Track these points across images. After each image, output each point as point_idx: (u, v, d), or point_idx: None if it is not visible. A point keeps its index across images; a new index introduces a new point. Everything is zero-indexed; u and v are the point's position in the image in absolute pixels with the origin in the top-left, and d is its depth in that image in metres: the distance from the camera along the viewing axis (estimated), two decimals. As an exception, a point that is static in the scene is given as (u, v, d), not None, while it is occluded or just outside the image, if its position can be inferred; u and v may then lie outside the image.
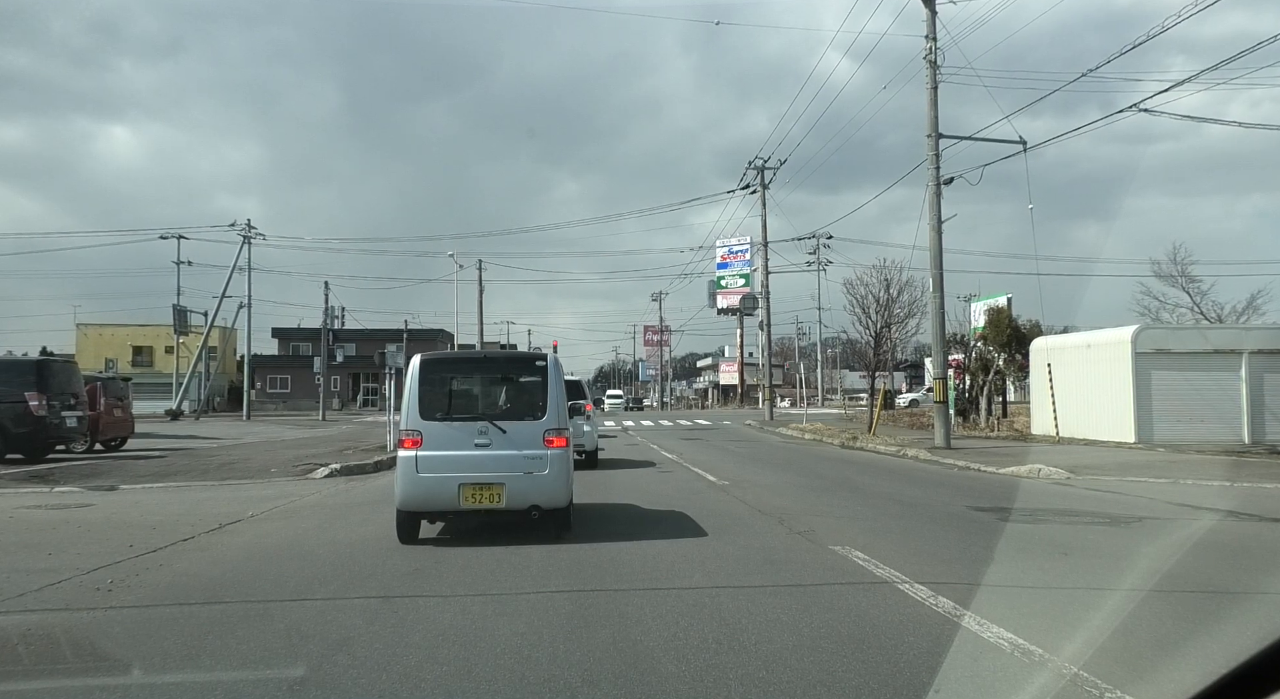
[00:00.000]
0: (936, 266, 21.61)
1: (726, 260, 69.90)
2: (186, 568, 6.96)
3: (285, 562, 7.19)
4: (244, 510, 10.42)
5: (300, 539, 8.39)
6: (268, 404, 70.62)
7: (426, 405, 7.93)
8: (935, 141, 21.55)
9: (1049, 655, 4.25)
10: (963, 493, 12.37)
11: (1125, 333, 22.52)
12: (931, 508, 10.54)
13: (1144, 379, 21.49)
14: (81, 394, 18.45)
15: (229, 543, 8.22)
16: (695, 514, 9.77)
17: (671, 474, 15.60)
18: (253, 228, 51.62)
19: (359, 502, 11.56)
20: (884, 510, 10.30)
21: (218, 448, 21.61)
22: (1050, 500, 11.40)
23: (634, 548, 7.58)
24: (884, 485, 13.43)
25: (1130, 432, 21.19)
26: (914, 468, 16.91)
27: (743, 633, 4.78)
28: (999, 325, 29.57)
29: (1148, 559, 7.24)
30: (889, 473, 15.82)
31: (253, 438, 27.24)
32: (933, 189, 21.48)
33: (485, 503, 7.68)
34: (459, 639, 4.74)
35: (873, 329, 26.60)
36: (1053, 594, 5.83)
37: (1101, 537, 8.42)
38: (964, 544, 7.70)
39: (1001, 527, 8.96)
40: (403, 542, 7.85)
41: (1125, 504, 10.89)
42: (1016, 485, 13.46)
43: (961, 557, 7.07)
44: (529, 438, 7.84)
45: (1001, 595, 5.58)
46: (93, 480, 13.68)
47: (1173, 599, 5.53)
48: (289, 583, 6.32)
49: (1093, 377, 22.89)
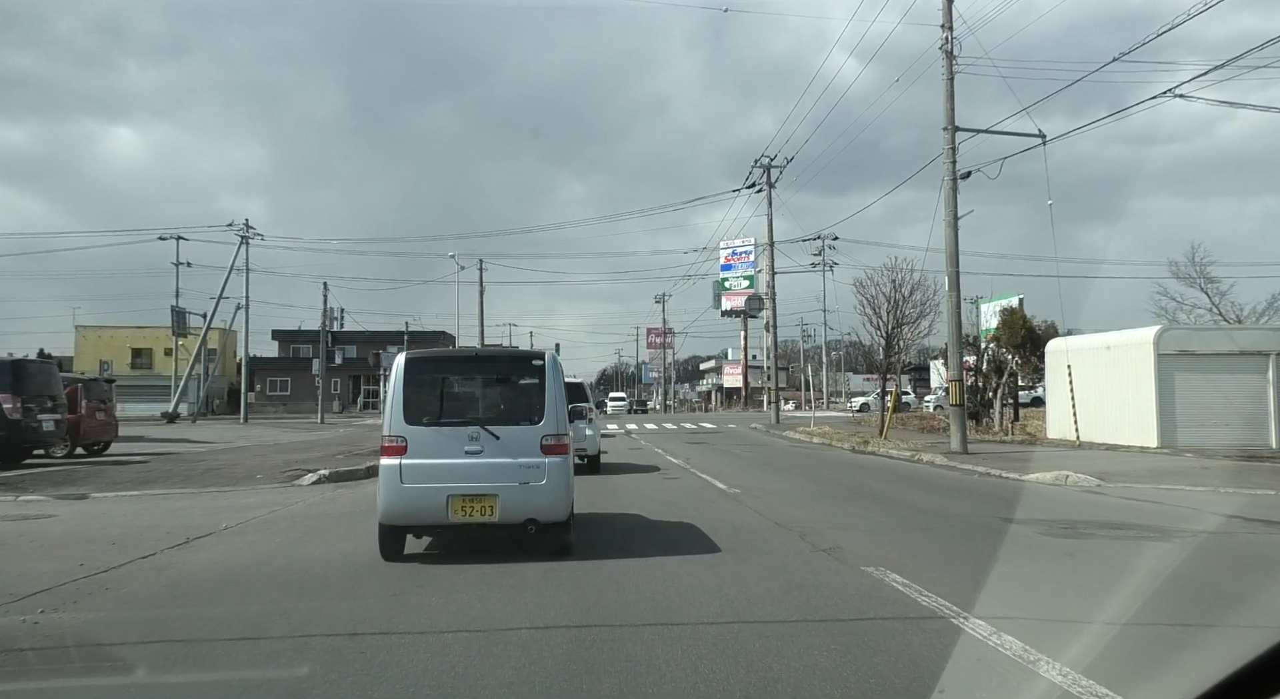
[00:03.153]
0: (952, 264, 20.80)
1: (730, 262, 69.02)
2: (133, 593, 6.15)
3: (247, 586, 6.39)
4: (218, 522, 9.62)
5: (270, 557, 7.58)
6: (268, 407, 69.98)
7: (412, 409, 7.22)
8: (952, 135, 20.75)
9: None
10: (990, 502, 11.56)
11: (1147, 334, 21.70)
12: (960, 519, 9.72)
13: (1167, 381, 20.68)
14: (60, 396, 17.61)
15: (191, 561, 7.42)
16: (706, 527, 8.97)
17: (678, 480, 14.79)
18: (250, 228, 50.87)
19: (343, 512, 10.76)
20: (910, 522, 9.48)
21: (206, 452, 20.81)
22: (1087, 511, 10.59)
23: (641, 568, 6.78)
24: (904, 493, 12.62)
25: (1153, 436, 20.39)
26: (932, 474, 16.09)
27: (776, 683, 3.97)
28: (1013, 326, 28.71)
29: (1233, 584, 6.35)
30: (906, 479, 15.01)
31: (246, 442, 26.45)
32: (949, 184, 20.67)
33: (476, 516, 7.00)
34: (433, 690, 3.94)
35: (884, 330, 25.73)
36: (1139, 634, 4.85)
37: (1162, 555, 7.58)
38: (1011, 565, 6.85)
39: (1043, 542, 8.15)
40: (385, 558, 7.15)
41: (1170, 515, 10.06)
42: (1045, 494, 12.65)
43: (1013, 581, 6.24)
44: (525, 445, 7.15)
45: (1074, 635, 4.74)
46: (64, 488, 12.87)
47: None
48: (245, 615, 5.50)
49: (1113, 379, 22.07)
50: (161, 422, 48.10)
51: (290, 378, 73.17)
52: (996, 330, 29.80)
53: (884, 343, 26.05)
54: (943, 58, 20.82)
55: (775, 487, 13.58)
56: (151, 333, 64.86)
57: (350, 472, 15.42)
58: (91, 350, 65.95)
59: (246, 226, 50.73)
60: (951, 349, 21.19)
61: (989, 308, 32.74)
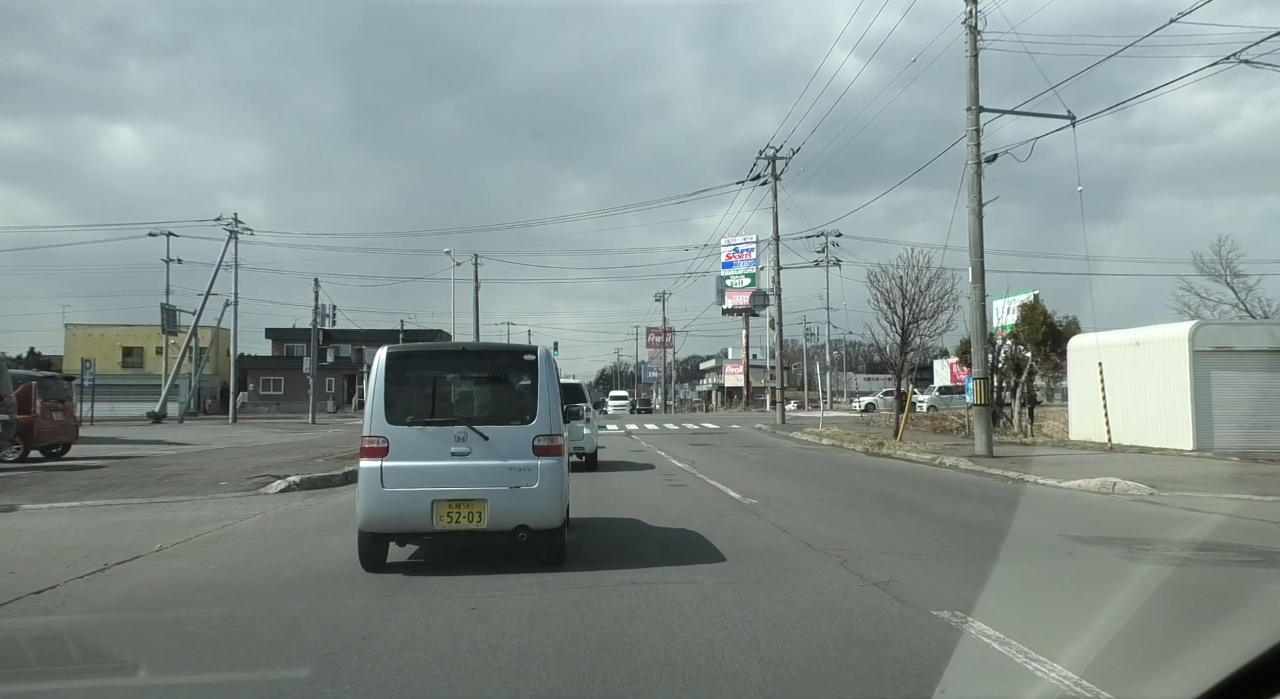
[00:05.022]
0: (977, 254, 19.42)
1: (732, 259, 67.64)
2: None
3: (147, 637, 4.99)
4: (153, 541, 8.22)
5: (196, 591, 6.19)
6: (261, 406, 68.62)
7: (394, 407, 6.70)
8: (976, 115, 19.36)
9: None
10: (1041, 514, 10.19)
11: (1182, 329, 20.37)
12: (1019, 538, 8.31)
13: (1203, 380, 19.34)
14: (8, 395, 16.13)
15: (98, 595, 6.03)
16: (725, 547, 7.59)
17: (686, 488, 13.40)
18: (240, 222, 49.41)
19: (303, 528, 9.36)
20: (963, 542, 8.09)
21: (176, 455, 19.37)
22: (1157, 526, 9.23)
23: (653, 606, 5.39)
24: (941, 504, 11.23)
25: (1188, 438, 19.05)
26: (963, 481, 14.68)
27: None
28: (1033, 322, 27.28)
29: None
30: (936, 487, 13.62)
31: (225, 443, 25.04)
32: (973, 168, 19.29)
33: (463, 523, 6.50)
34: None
35: (898, 325, 24.30)
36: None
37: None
38: (1124, 608, 5.33)
39: (1135, 569, 6.77)
40: (366, 569, 6.64)
41: (1258, 532, 8.69)
42: (1097, 505, 11.29)
43: (1141, 633, 4.66)
44: (516, 446, 6.66)
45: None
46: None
47: None
48: (116, 691, 4.10)
49: (1142, 377, 20.73)
50: (147, 422, 46.68)
51: (284, 377, 71.68)
52: (1015, 326, 28.42)
53: (899, 339, 24.61)
54: (966, 33, 19.43)
55: (795, 496, 12.19)
56: (143, 331, 63.53)
57: (325, 478, 14.03)
58: (81, 349, 64.37)
59: (235, 221, 49.31)
60: (976, 345, 19.79)
61: (1004, 304, 31.42)
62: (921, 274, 24.08)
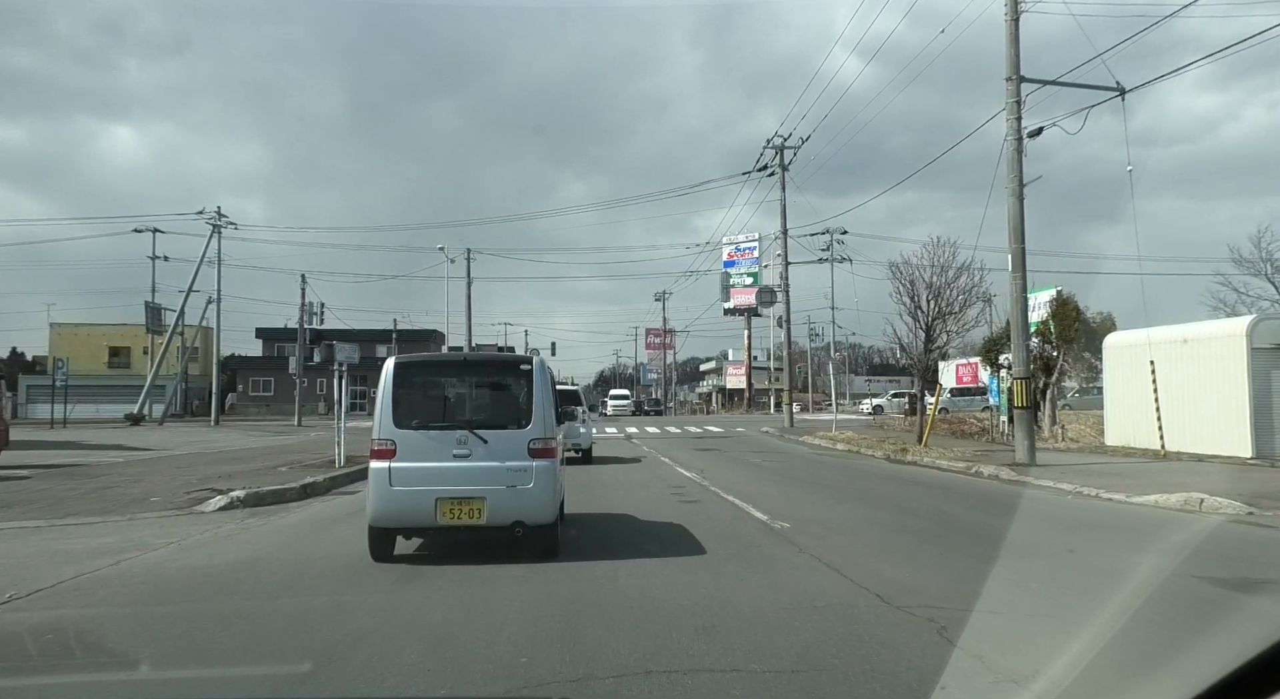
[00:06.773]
0: (1017, 240, 17.51)
1: (733, 258, 65.69)
2: None
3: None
4: (5, 588, 6.22)
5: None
6: (250, 408, 66.70)
7: (401, 412, 7.27)
8: (1016, 86, 17.39)
9: None
10: (1143, 545, 8.24)
11: (1238, 325, 18.48)
12: (1147, 585, 6.27)
13: (1263, 380, 17.49)
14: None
15: None
16: (770, 601, 5.60)
17: (698, 504, 11.38)
18: (223, 216, 47.41)
19: (219, 565, 7.31)
20: (1083, 591, 6.10)
21: (123, 463, 17.35)
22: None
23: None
24: (1007, 528, 9.10)
25: (1246, 444, 17.19)
26: (1013, 495, 12.53)
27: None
28: (1065, 319, 25.29)
29: None
30: (992, 504, 11.60)
31: (191, 448, 23.05)
32: (1013, 143, 17.33)
33: (464, 519, 7.08)
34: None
35: (923, 320, 22.31)
36: None
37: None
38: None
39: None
40: (375, 559, 7.22)
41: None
42: (1195, 528, 9.35)
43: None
44: (512, 448, 7.21)
45: None
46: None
47: None
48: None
49: (1190, 377, 18.85)
50: (125, 424, 44.69)
51: (274, 378, 69.53)
52: (1041, 324, 26.48)
53: (924, 335, 22.62)
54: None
55: (833, 516, 10.18)
56: (130, 330, 61.67)
57: (277, 492, 12.03)
58: (67, 349, 62.25)
59: (219, 214, 47.32)
60: (1016, 341, 17.87)
61: (1030, 300, 29.52)
62: (949, 264, 22.15)
